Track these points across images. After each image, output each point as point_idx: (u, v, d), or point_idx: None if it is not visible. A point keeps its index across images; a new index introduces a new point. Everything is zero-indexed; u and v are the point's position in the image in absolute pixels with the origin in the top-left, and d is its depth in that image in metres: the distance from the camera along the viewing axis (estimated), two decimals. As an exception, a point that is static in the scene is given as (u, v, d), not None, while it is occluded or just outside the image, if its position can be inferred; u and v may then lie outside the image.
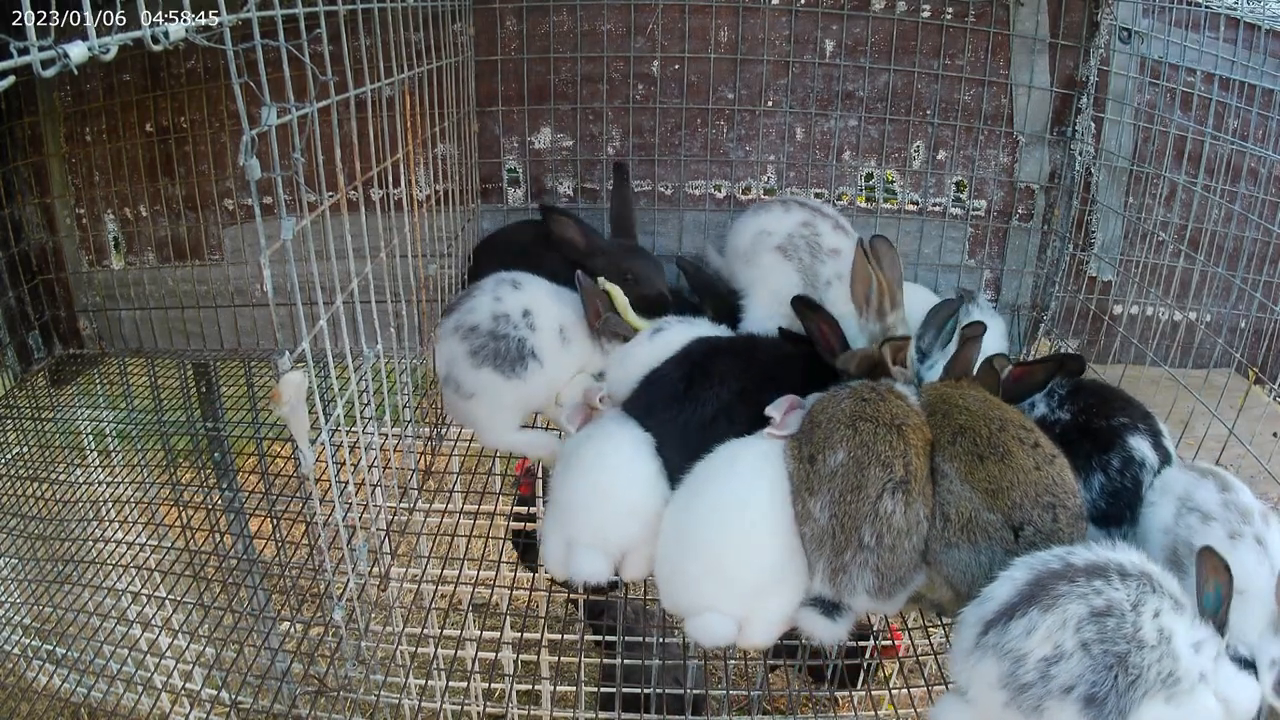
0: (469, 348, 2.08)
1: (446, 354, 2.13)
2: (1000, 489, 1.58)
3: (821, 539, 1.59)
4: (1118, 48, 2.61)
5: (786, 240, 2.26)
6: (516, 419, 2.20)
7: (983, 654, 1.37)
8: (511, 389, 2.11)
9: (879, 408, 1.68)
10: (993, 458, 1.61)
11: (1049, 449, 1.65)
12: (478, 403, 2.12)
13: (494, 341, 2.09)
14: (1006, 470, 1.59)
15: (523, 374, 2.10)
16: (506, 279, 2.19)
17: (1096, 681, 1.28)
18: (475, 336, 2.09)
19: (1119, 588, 1.33)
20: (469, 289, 2.21)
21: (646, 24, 2.60)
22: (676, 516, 1.71)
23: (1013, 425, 1.66)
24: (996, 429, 1.65)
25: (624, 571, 1.74)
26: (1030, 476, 1.58)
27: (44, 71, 0.86)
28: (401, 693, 2.11)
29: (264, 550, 3.48)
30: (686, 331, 2.12)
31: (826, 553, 1.59)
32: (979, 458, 1.61)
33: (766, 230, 2.29)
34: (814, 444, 1.66)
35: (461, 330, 2.10)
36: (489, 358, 2.08)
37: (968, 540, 1.57)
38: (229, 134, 2.69)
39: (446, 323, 2.15)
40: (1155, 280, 2.63)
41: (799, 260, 2.24)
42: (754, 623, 1.63)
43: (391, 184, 2.02)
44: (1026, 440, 1.63)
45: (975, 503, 1.58)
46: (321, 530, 1.52)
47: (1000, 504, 1.57)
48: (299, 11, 1.31)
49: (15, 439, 2.90)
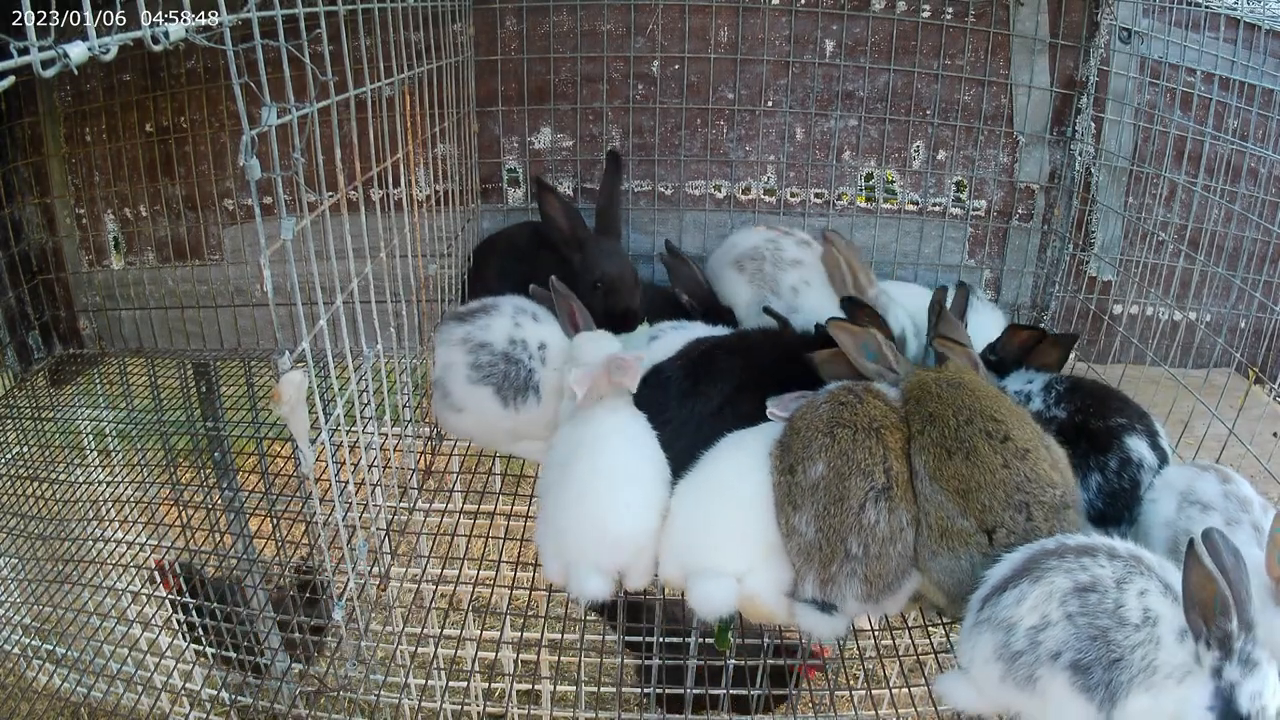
0: (473, 361, 2.06)
1: (445, 359, 2.10)
2: (969, 490, 1.55)
3: (809, 552, 1.60)
4: (1118, 48, 2.61)
5: (746, 253, 2.45)
6: (509, 441, 2.18)
7: (980, 630, 1.41)
8: (506, 417, 2.08)
9: (856, 412, 1.67)
10: (960, 453, 1.58)
11: (1021, 442, 1.59)
12: (466, 418, 2.11)
13: (505, 364, 2.06)
14: (974, 470, 1.56)
15: (520, 406, 2.08)
16: (527, 309, 2.17)
17: (1082, 649, 1.30)
18: (484, 353, 2.06)
19: (1105, 565, 1.36)
20: (485, 305, 2.17)
21: (646, 24, 2.60)
22: (684, 492, 1.74)
23: (981, 417, 1.61)
24: (964, 420, 1.61)
25: (626, 583, 1.74)
26: (998, 476, 1.55)
27: (44, 71, 0.86)
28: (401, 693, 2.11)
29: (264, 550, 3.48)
30: (682, 336, 2.13)
31: (815, 565, 1.59)
32: (946, 451, 1.59)
33: (732, 243, 2.51)
34: (793, 454, 1.67)
35: (471, 344, 2.07)
36: (493, 379, 2.05)
37: (947, 548, 1.56)
38: (229, 134, 2.69)
39: (454, 330, 2.12)
40: (1155, 280, 2.63)
41: (759, 273, 2.40)
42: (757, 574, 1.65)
43: (391, 184, 2.02)
44: (995, 434, 1.59)
45: (948, 508, 1.56)
46: (321, 530, 1.52)
47: (971, 507, 1.55)
48: (299, 11, 1.31)
49: (15, 439, 2.90)
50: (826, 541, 1.58)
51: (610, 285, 2.28)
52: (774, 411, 1.82)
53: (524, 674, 3.12)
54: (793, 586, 1.65)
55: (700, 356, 2.00)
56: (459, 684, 3.19)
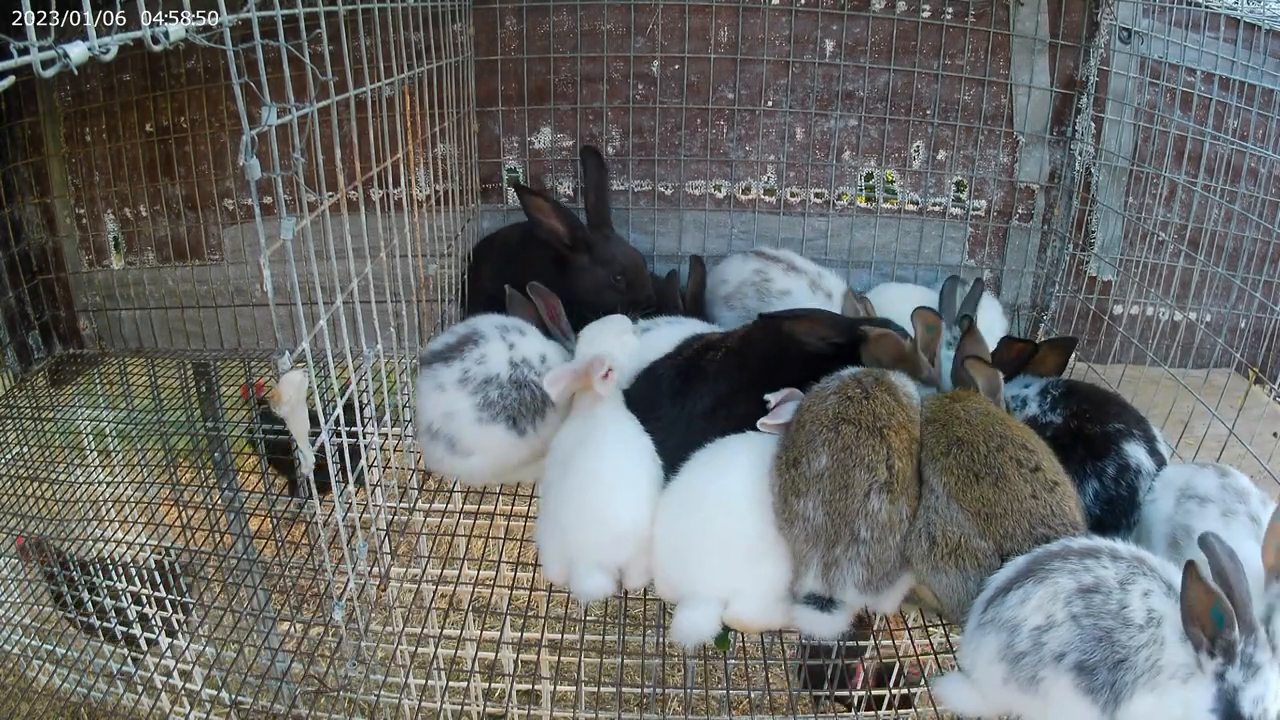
0: (481, 401, 1.90)
1: (444, 407, 1.91)
2: (993, 514, 1.52)
3: (815, 536, 1.59)
4: (1118, 48, 2.61)
5: (734, 291, 2.45)
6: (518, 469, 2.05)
7: (983, 632, 1.41)
8: (522, 446, 1.95)
9: (863, 408, 1.66)
10: (987, 479, 1.55)
11: (1051, 475, 1.57)
12: (475, 459, 1.95)
13: (517, 392, 1.92)
14: (1001, 495, 1.53)
15: (539, 426, 1.95)
16: (509, 325, 2.04)
17: (1086, 650, 1.30)
18: (493, 389, 1.91)
19: (1108, 566, 1.36)
20: (464, 336, 1.99)
21: (646, 24, 2.60)
22: (666, 510, 1.72)
23: (1012, 445, 1.59)
24: (995, 447, 1.59)
25: (626, 581, 1.74)
26: (1025, 505, 1.52)
27: (44, 71, 0.86)
28: (401, 693, 2.11)
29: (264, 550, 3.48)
30: (676, 331, 2.13)
31: (820, 549, 1.59)
32: (974, 476, 1.56)
33: (722, 279, 2.51)
34: (797, 448, 1.66)
35: (474, 384, 1.91)
36: (507, 410, 1.91)
37: (955, 566, 1.54)
38: (229, 134, 2.69)
39: (444, 373, 1.92)
40: (1155, 280, 2.63)
41: (744, 309, 2.39)
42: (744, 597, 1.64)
43: (391, 184, 2.02)
44: (1026, 463, 1.57)
45: (966, 527, 1.54)
46: (321, 530, 1.52)
47: (993, 531, 1.52)
48: (299, 11, 1.31)
49: (15, 439, 2.90)
50: (833, 524, 1.57)
51: (631, 278, 2.32)
52: (766, 423, 1.78)
53: (524, 674, 3.12)
54: (788, 588, 1.65)
55: (694, 355, 1.99)
56: (459, 684, 3.19)
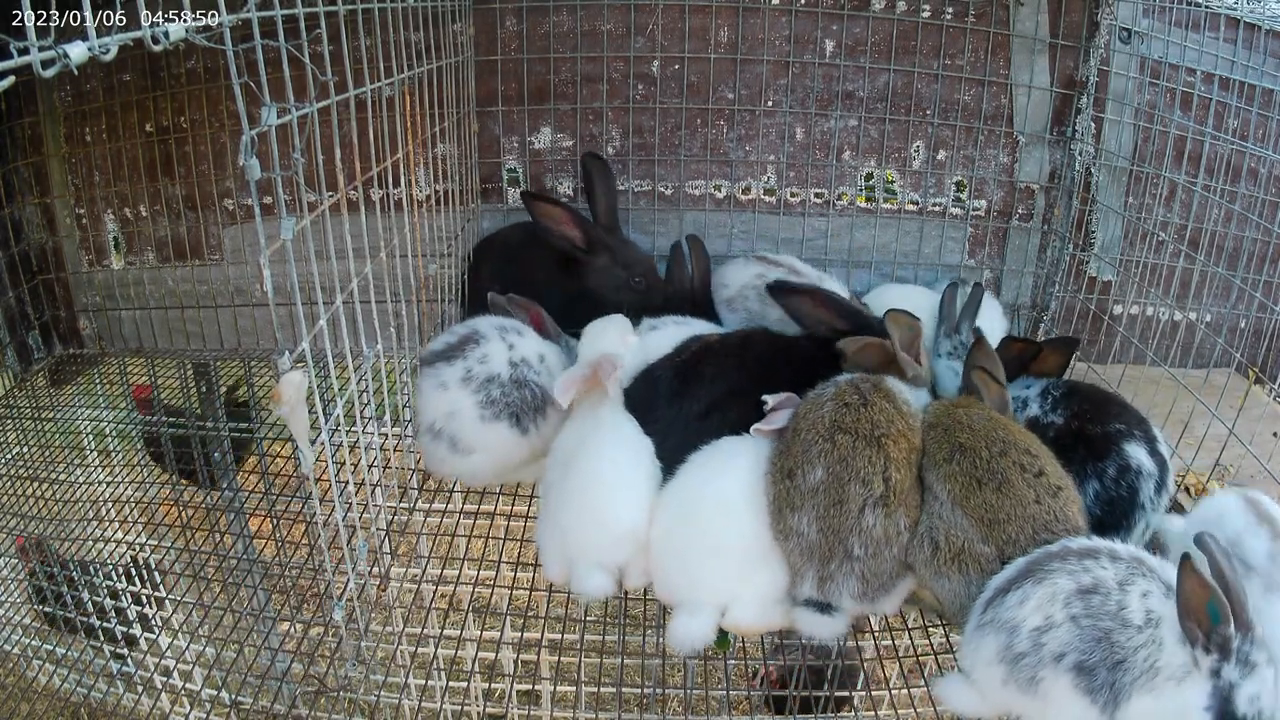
0: (484, 399, 1.92)
1: (445, 406, 1.93)
2: (996, 520, 1.53)
3: (809, 552, 1.60)
4: (1118, 48, 2.61)
5: (736, 295, 2.43)
6: (519, 468, 2.07)
7: (983, 633, 1.41)
8: (523, 444, 1.97)
9: (860, 416, 1.64)
10: (990, 484, 1.56)
11: (1054, 479, 1.58)
12: (476, 458, 1.97)
13: (518, 391, 1.95)
14: (1004, 500, 1.54)
15: (541, 425, 1.97)
16: (508, 325, 2.06)
17: (1086, 651, 1.31)
18: (494, 388, 1.93)
19: (1107, 567, 1.36)
20: (465, 336, 2.01)
21: (646, 24, 2.60)
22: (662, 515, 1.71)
23: (1015, 450, 1.60)
24: (998, 453, 1.59)
25: (626, 581, 1.74)
26: (1029, 510, 1.53)
27: (44, 71, 0.86)
28: (401, 693, 2.11)
29: (264, 550, 3.48)
30: (681, 331, 2.13)
31: (814, 564, 1.60)
32: (976, 482, 1.57)
33: (722, 282, 2.48)
34: (792, 457, 1.65)
35: (476, 382, 1.92)
36: (509, 409, 1.94)
37: (959, 571, 1.55)
38: (229, 134, 2.69)
39: (446, 372, 1.94)
40: (1155, 280, 2.63)
41: (745, 311, 2.39)
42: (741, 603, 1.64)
43: (391, 184, 2.02)
44: (1029, 468, 1.57)
45: (969, 532, 1.55)
46: (321, 530, 1.52)
47: (995, 536, 1.52)
48: (299, 11, 1.31)
49: (15, 439, 2.90)
50: (826, 541, 1.58)
51: (650, 282, 2.36)
52: (760, 429, 1.77)
53: (524, 674, 3.12)
54: (786, 591, 1.65)
55: (692, 357, 1.99)
56: (459, 684, 3.19)
